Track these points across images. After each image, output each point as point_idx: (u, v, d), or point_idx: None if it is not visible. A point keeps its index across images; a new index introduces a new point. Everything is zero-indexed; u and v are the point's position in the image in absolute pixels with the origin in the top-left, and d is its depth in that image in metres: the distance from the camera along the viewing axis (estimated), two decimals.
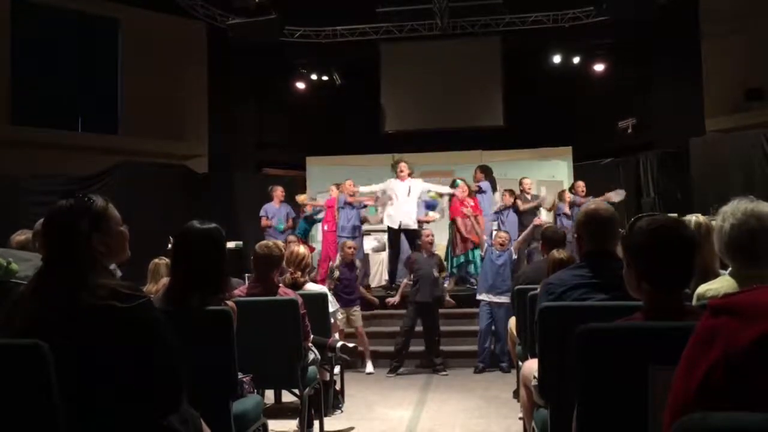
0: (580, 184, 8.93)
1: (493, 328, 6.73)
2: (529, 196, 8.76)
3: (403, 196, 8.23)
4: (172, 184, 10.07)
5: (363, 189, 8.69)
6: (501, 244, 6.87)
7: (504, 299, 6.59)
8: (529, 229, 7.83)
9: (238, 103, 12.00)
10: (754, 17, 9.74)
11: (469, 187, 8.50)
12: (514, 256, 6.85)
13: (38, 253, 3.02)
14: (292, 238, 8.56)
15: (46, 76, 10.65)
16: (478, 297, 6.91)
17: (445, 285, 8.37)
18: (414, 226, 8.28)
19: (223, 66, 11.55)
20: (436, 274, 6.78)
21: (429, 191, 8.83)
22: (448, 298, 7.18)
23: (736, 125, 9.81)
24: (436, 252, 7.16)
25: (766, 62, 9.63)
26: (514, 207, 8.59)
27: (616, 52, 11.40)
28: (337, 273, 6.66)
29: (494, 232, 7.86)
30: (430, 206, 9.18)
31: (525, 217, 8.51)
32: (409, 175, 8.46)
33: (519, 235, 7.83)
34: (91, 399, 1.69)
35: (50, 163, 9.60)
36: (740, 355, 0.93)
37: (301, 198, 9.61)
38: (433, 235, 7.13)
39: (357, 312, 6.70)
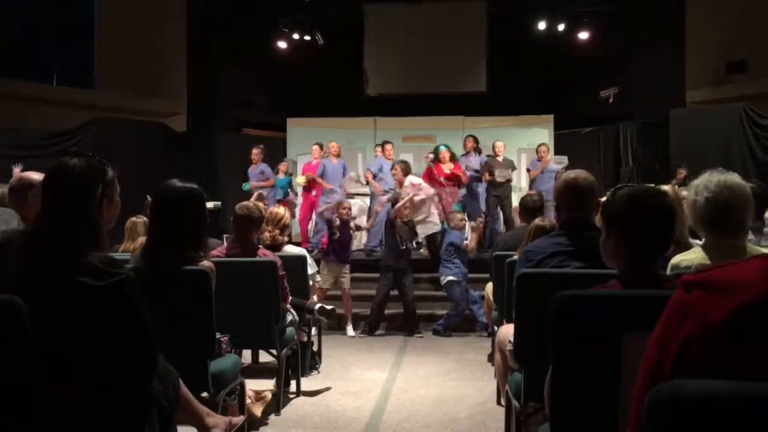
0: (542, 148, 9.07)
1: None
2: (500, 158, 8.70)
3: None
4: (149, 141, 9.89)
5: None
6: (458, 226, 6.87)
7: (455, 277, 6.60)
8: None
9: (218, 61, 11.74)
10: None
11: (452, 153, 8.25)
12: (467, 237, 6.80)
13: (10, 208, 2.97)
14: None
15: (21, 28, 10.32)
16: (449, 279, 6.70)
17: (421, 250, 8.40)
18: None
19: (203, 23, 11.27)
20: (402, 246, 6.72)
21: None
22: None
23: (717, 97, 9.87)
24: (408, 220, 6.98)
25: (748, 35, 9.64)
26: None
27: (600, 20, 11.31)
28: (338, 234, 6.62)
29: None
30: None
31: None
32: None
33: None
34: (69, 364, 1.69)
35: (23, 117, 9.36)
36: (714, 330, 0.95)
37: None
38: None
39: (347, 274, 6.65)
